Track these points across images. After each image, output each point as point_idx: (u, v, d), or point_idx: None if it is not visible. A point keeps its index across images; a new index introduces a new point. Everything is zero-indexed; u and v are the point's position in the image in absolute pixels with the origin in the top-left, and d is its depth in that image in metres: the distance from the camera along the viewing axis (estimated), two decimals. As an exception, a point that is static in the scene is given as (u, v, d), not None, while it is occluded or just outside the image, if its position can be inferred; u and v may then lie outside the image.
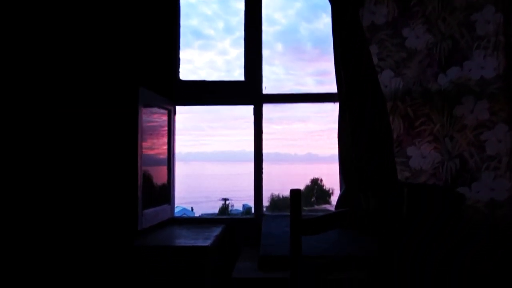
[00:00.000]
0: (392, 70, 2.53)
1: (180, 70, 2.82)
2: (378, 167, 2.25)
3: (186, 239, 2.17)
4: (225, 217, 2.77)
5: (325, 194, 20.88)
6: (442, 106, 2.47)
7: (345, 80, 2.33)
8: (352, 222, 1.68)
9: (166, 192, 2.67)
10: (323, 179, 22.98)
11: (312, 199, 20.56)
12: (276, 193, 18.92)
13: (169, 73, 2.73)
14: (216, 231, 2.41)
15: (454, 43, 2.49)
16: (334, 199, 21.54)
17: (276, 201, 18.17)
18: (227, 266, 2.29)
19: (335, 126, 2.55)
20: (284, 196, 18.81)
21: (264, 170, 2.75)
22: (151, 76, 2.65)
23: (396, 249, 1.64)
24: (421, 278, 1.69)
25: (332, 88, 2.62)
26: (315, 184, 21.46)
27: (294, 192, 1.60)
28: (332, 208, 2.63)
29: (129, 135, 2.22)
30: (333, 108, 2.67)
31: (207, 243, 2.06)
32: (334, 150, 2.61)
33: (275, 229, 2.40)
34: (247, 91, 2.78)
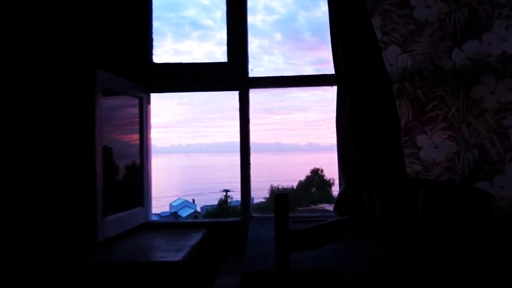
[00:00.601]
0: (399, 45, 2.16)
1: (179, 61, 2.44)
2: (383, 160, 1.90)
3: (155, 251, 1.83)
4: (207, 220, 2.42)
5: (326, 184, 20.54)
6: (458, 87, 2.11)
7: (344, 59, 1.96)
8: (354, 231, 1.36)
9: (139, 192, 2.31)
10: (323, 168, 22.64)
11: (312, 190, 20.21)
12: (276, 184, 18.60)
13: (139, 56, 2.35)
14: (195, 238, 2.06)
15: (471, 13, 2.12)
16: (335, 189, 21.23)
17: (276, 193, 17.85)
18: (209, 278, 1.95)
19: (335, 115, 2.20)
20: (283, 187, 18.52)
21: (264, 161, 2.43)
22: (115, 58, 2.26)
23: (396, 250, 1.41)
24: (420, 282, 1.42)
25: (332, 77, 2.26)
26: (316, 174, 21.09)
27: (279, 197, 1.26)
28: (331, 208, 2.28)
29: (85, 127, 1.86)
30: (333, 97, 2.32)
31: (179, 256, 1.71)
32: (334, 139, 2.26)
33: (264, 236, 2.05)
34: (231, 74, 2.41)
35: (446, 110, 2.12)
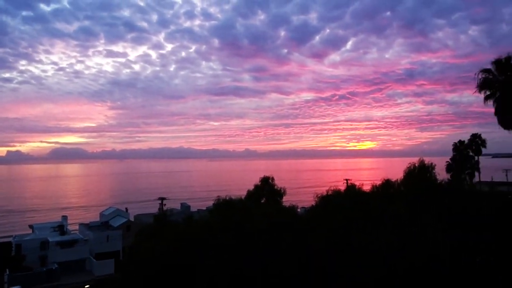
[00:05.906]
0: None
1: (112, 64, 0.63)
2: None
3: None
4: None
5: (276, 194, 18.89)
6: None
7: None
8: None
9: None
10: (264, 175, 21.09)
11: (262, 201, 18.48)
12: (219, 193, 16.76)
13: None
14: None
15: None
16: (286, 199, 19.47)
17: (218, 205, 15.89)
18: None
19: (272, 122, 0.53)
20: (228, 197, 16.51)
21: (202, 167, 0.73)
22: None
23: None
24: None
25: (269, 85, 0.61)
26: (266, 183, 19.41)
27: None
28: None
29: None
30: (270, 105, 0.68)
31: None
32: (272, 146, 0.64)
33: None
34: None
35: None
